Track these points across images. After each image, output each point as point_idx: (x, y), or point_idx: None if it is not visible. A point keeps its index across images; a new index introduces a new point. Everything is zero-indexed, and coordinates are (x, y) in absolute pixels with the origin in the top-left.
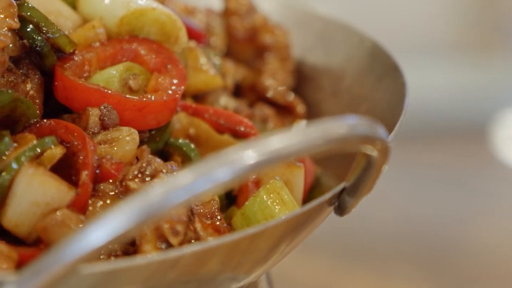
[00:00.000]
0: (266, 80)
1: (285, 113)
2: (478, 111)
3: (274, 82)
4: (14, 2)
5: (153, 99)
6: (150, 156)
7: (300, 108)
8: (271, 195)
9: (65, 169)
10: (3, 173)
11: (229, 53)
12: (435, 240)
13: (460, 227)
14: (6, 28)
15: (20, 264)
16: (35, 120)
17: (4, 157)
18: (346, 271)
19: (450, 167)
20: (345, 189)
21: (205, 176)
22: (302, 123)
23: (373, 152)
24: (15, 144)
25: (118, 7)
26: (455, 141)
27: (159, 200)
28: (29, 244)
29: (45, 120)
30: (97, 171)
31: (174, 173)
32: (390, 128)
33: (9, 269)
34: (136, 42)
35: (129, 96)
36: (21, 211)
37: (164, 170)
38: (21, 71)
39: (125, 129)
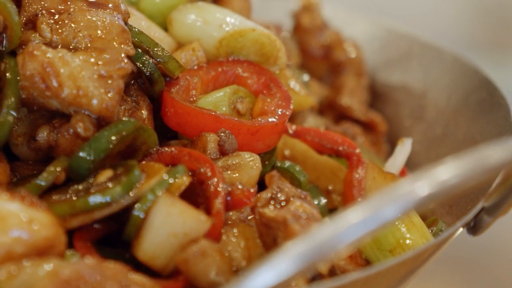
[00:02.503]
0: (346, 98)
1: (366, 129)
2: None
3: (354, 100)
4: (127, 27)
5: (265, 122)
6: (279, 181)
7: (382, 125)
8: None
9: (188, 198)
10: (137, 205)
11: (304, 70)
12: None
13: None
14: (123, 55)
15: None
16: (155, 148)
17: (135, 189)
18: None
19: None
20: (484, 209)
21: (374, 213)
22: (407, 141)
23: None
24: (144, 175)
25: (216, 29)
26: None
27: (326, 242)
28: (165, 277)
29: (166, 148)
30: (228, 199)
31: (308, 198)
32: None
33: None
34: (237, 64)
35: (243, 120)
36: (158, 242)
37: (295, 196)
38: (130, 98)
39: (246, 154)
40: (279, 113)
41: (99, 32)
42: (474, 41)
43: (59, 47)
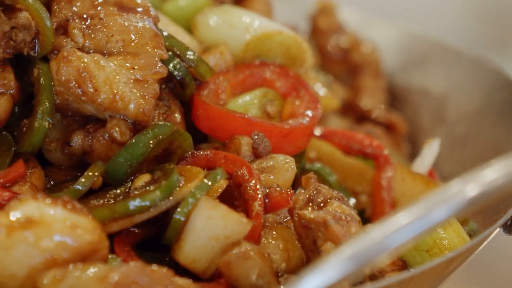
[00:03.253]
0: (366, 99)
1: (386, 130)
2: None
3: (374, 102)
4: (159, 32)
5: (296, 124)
6: (316, 183)
7: (403, 126)
8: None
9: (224, 201)
10: (178, 209)
11: (322, 71)
12: None
13: None
14: (157, 59)
15: None
16: (190, 152)
17: (174, 193)
18: None
19: None
20: None
21: (425, 215)
22: (435, 142)
23: None
24: (182, 178)
25: (243, 32)
26: None
27: (376, 244)
28: (205, 280)
29: (201, 152)
30: (266, 201)
31: (345, 199)
32: None
33: None
34: (265, 67)
35: (275, 123)
36: (199, 246)
37: (333, 197)
38: (162, 102)
39: (280, 156)
40: (309, 115)
41: (132, 36)
42: (474, 40)
43: (91, 52)
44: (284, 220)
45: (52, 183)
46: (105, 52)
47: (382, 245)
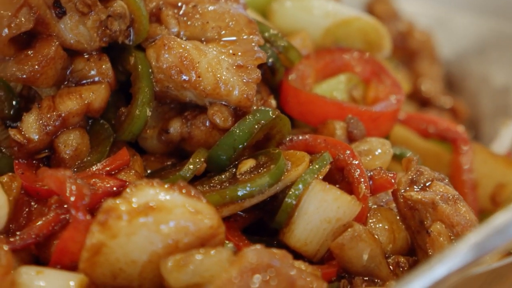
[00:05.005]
0: (426, 85)
1: (447, 115)
2: None
3: (434, 87)
4: (252, 18)
5: (385, 108)
6: (417, 165)
7: (464, 111)
8: None
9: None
10: (290, 192)
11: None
12: None
13: None
14: (254, 45)
15: None
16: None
17: (283, 177)
18: None
19: None
20: None
21: None
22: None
23: None
24: (289, 163)
25: (322, 19)
26: None
27: (498, 233)
28: (316, 263)
29: (300, 136)
30: (370, 183)
31: (446, 180)
32: None
33: (321, 287)
34: (345, 53)
35: (366, 107)
36: (311, 228)
37: (435, 178)
38: None
39: (375, 140)
40: (395, 99)
41: (227, 23)
42: None
43: (184, 39)
44: (384, 201)
45: (148, 171)
46: (202, 39)
47: (506, 233)
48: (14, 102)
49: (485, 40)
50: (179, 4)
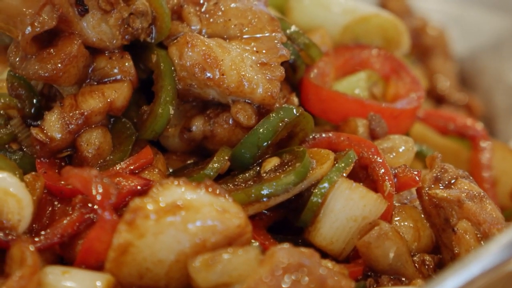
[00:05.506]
0: (442, 82)
1: (461, 112)
2: None
3: (448, 84)
4: (274, 15)
5: (406, 105)
6: (442, 163)
7: (479, 108)
8: None
9: None
10: (316, 191)
11: None
12: None
13: None
14: (277, 42)
15: None
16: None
17: (308, 175)
18: None
19: None
20: None
21: None
22: None
23: None
24: (314, 161)
25: (341, 15)
26: None
27: None
28: (341, 261)
29: (323, 134)
30: (395, 181)
31: (470, 178)
32: None
33: (349, 286)
34: (364, 50)
35: (387, 104)
36: (337, 227)
37: (460, 176)
38: None
39: (398, 137)
40: (415, 96)
41: (250, 20)
42: None
43: (206, 36)
44: (407, 199)
45: (170, 169)
46: (225, 36)
47: None
48: (35, 101)
49: (500, 36)
50: (201, 1)
